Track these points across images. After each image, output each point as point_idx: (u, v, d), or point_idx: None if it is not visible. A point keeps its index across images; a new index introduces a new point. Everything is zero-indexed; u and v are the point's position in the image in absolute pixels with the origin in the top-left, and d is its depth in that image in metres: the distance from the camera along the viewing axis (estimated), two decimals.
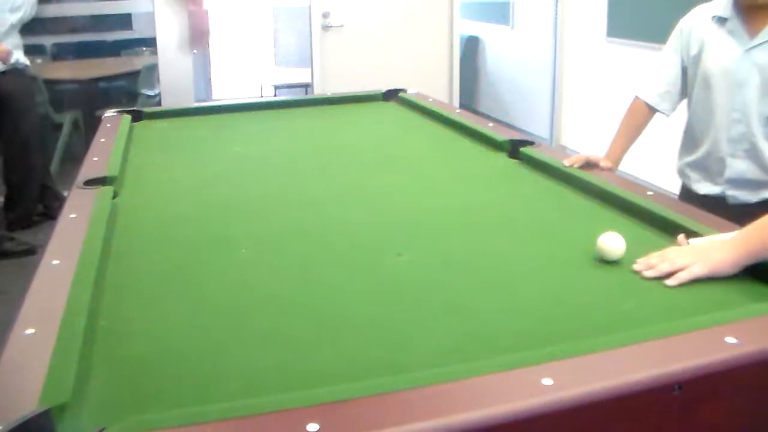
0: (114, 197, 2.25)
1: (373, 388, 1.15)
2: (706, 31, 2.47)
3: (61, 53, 7.13)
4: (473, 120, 3.20)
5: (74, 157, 5.12)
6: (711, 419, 1.26)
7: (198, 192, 2.43)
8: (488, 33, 8.34)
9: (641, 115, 2.64)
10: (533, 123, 6.93)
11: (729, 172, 2.45)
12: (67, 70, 6.99)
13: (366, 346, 1.40)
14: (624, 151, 2.60)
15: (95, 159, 2.65)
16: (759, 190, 2.41)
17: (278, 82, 7.87)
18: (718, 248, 1.62)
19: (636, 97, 2.64)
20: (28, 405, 1.12)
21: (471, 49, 8.48)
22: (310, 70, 6.07)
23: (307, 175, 2.59)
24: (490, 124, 3.11)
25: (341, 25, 5.91)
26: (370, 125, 3.44)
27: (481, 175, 2.56)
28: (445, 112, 3.34)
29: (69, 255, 1.74)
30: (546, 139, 6.75)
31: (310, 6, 5.88)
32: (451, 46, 6.23)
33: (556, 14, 6.62)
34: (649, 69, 2.66)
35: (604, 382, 1.18)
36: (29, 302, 1.51)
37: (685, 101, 2.63)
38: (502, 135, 2.83)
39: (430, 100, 3.70)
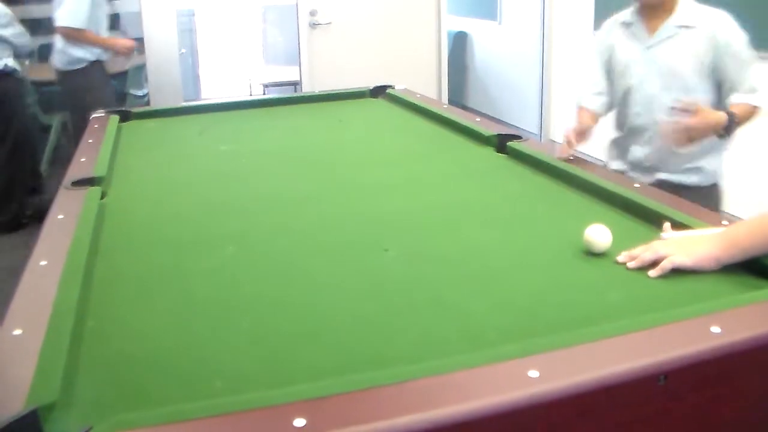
0: (102, 197, 2.25)
1: (359, 383, 1.16)
2: (615, 37, 2.77)
3: (49, 54, 7.10)
4: (461, 115, 3.20)
5: (63, 159, 5.11)
6: (696, 409, 1.27)
7: (186, 191, 2.43)
8: (476, 28, 8.33)
9: (587, 118, 2.77)
10: (523, 118, 6.94)
11: (630, 156, 2.78)
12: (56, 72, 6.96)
13: (352, 341, 1.40)
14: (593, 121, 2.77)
15: (83, 160, 2.64)
16: (653, 173, 2.69)
17: (267, 81, 7.85)
18: (701, 242, 1.63)
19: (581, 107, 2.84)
20: (16, 405, 1.12)
21: (459, 44, 8.48)
22: (298, 68, 6.06)
23: (295, 173, 2.59)
24: (478, 119, 3.12)
25: (329, 23, 5.91)
26: (358, 122, 3.45)
27: (468, 170, 2.56)
28: (433, 108, 3.34)
29: (57, 255, 1.74)
30: (535, 133, 6.75)
31: (297, 4, 5.87)
32: (439, 42, 6.23)
33: (544, 9, 6.62)
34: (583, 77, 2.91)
35: (589, 373, 1.18)
36: (17, 303, 1.51)
37: None
38: (489, 130, 2.84)
39: (418, 96, 3.71)
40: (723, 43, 2.52)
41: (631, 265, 1.64)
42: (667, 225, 1.79)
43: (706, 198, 2.57)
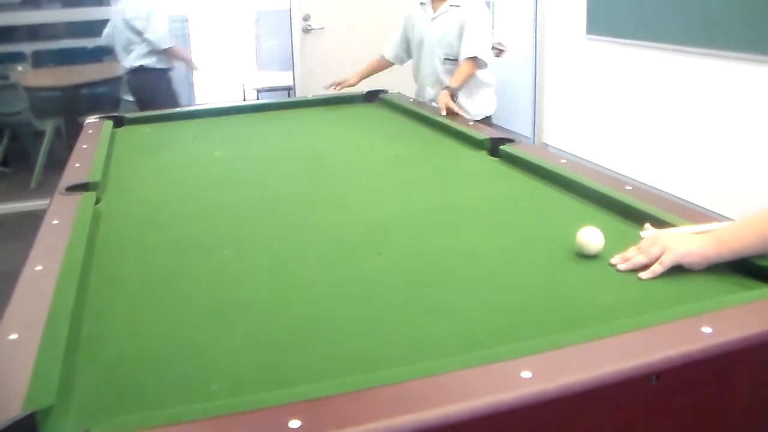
0: (96, 203, 2.25)
1: (353, 385, 1.17)
2: (415, 14, 4.11)
3: (42, 60, 7.10)
4: (454, 119, 3.22)
5: (57, 164, 5.12)
6: (688, 408, 1.28)
7: (180, 196, 2.44)
8: None
9: (379, 60, 4.29)
10: (516, 121, 6.95)
11: (427, 96, 4.05)
12: (49, 77, 6.97)
13: (346, 343, 1.41)
14: (364, 77, 4.19)
15: (77, 165, 2.65)
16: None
17: (260, 86, 7.84)
18: (691, 239, 1.64)
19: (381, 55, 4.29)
20: (13, 408, 1.13)
21: None
22: (291, 72, 6.06)
23: (288, 177, 2.60)
24: (471, 123, 3.14)
25: (322, 28, 5.91)
26: (352, 127, 3.46)
27: (461, 173, 2.57)
28: (426, 112, 3.36)
29: (52, 260, 1.74)
30: (528, 137, 6.77)
31: (290, 9, 5.87)
32: None
33: (536, 12, 6.64)
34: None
35: (581, 373, 1.19)
36: (12, 308, 1.51)
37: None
38: (482, 133, 2.86)
39: (411, 100, 3.73)
40: (469, 19, 3.82)
41: (622, 267, 1.66)
42: (647, 225, 1.81)
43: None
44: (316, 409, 1.11)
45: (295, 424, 1.06)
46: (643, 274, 1.61)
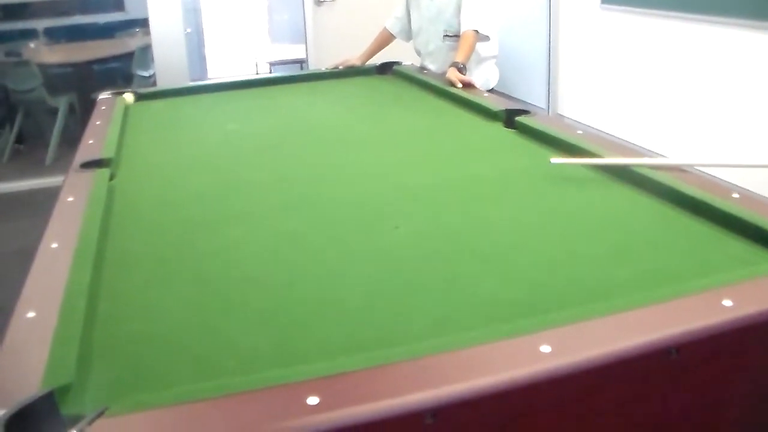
0: (111, 179, 2.25)
1: (371, 361, 1.16)
2: None
3: (54, 37, 7.09)
4: (469, 90, 3.19)
5: (71, 141, 5.12)
6: (707, 381, 1.27)
7: (194, 171, 2.43)
8: None
9: (385, 36, 4.17)
10: (530, 93, 6.89)
11: (428, 68, 3.97)
12: (61, 54, 6.96)
13: (364, 319, 1.40)
14: (371, 56, 4.09)
15: (91, 142, 2.64)
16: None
17: (273, 59, 7.82)
18: None
19: (384, 27, 4.20)
20: (32, 388, 1.13)
21: None
22: (304, 45, 6.03)
23: (302, 151, 2.59)
24: (486, 94, 3.11)
25: (334, 0, 5.87)
26: (366, 99, 3.44)
27: (477, 145, 2.55)
28: (441, 84, 3.33)
29: (67, 238, 1.74)
30: (543, 107, 6.72)
31: None
32: None
33: None
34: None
35: (601, 348, 1.19)
36: (29, 286, 1.52)
37: None
38: (497, 105, 2.83)
39: (425, 72, 3.70)
40: None
41: None
42: None
43: None
44: (334, 385, 1.10)
45: (313, 400, 1.05)
46: None
